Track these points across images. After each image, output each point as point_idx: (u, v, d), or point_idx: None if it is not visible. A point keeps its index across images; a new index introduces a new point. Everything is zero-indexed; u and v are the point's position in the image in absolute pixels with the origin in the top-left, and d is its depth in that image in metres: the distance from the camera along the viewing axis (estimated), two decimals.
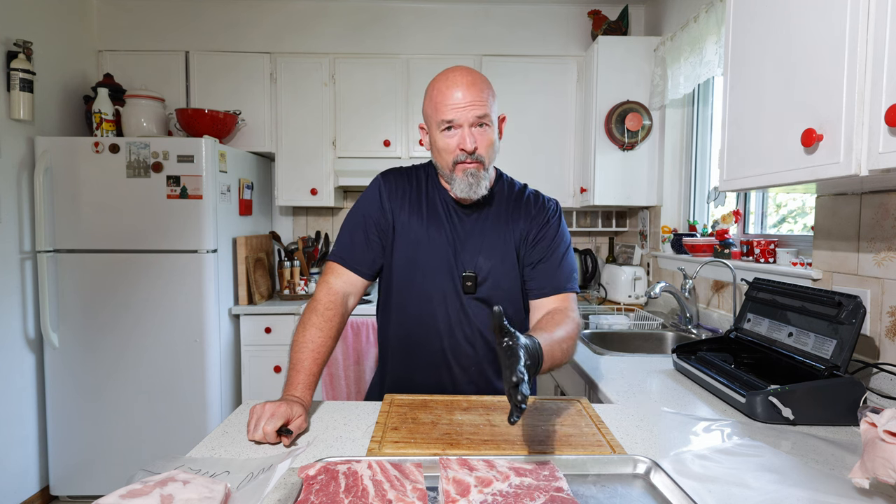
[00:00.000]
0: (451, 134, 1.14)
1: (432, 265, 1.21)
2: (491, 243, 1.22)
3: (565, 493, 0.72)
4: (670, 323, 2.28)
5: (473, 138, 1.13)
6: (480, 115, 1.12)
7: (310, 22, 2.98)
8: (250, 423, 0.96)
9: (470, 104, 1.11)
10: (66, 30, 2.72)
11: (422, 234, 1.22)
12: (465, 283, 1.21)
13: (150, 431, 2.44)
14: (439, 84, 1.15)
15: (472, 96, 1.12)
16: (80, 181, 2.39)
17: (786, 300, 1.34)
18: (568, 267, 1.23)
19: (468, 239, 1.22)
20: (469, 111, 1.12)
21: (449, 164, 1.16)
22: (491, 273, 1.21)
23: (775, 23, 1.17)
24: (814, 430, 1.06)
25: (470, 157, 1.13)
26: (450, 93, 1.12)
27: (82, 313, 2.42)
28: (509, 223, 1.24)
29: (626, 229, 3.19)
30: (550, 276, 1.21)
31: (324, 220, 3.28)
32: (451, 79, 1.14)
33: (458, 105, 1.11)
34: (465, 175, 1.15)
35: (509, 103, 2.93)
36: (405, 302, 1.25)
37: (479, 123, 1.13)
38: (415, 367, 1.26)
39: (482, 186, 1.17)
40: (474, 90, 1.12)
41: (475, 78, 1.14)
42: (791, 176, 1.10)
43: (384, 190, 1.26)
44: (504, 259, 1.22)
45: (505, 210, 1.25)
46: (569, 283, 1.22)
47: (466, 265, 1.21)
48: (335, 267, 1.23)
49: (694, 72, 2.27)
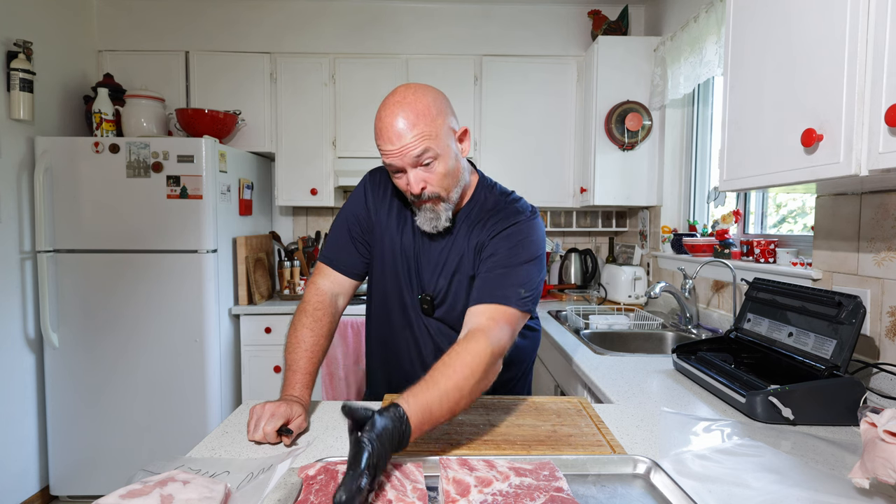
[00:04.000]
0: (398, 176, 1.08)
1: (397, 281, 1.21)
2: (452, 264, 1.16)
3: (565, 493, 0.72)
4: (670, 323, 2.28)
5: (419, 180, 1.05)
6: (418, 154, 1.02)
7: (310, 22, 2.98)
8: (250, 423, 0.96)
9: (404, 148, 1.02)
10: (66, 30, 2.72)
11: (395, 244, 1.20)
12: (423, 306, 1.19)
13: (150, 431, 2.44)
14: (376, 122, 1.05)
15: (406, 139, 1.01)
16: (80, 181, 2.39)
17: (786, 300, 1.34)
18: (515, 278, 1.05)
19: (432, 258, 1.18)
20: (405, 156, 1.02)
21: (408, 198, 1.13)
22: (448, 294, 1.18)
23: (775, 23, 1.17)
24: (814, 430, 1.06)
25: (420, 198, 1.08)
26: (384, 136, 1.03)
27: (82, 313, 2.42)
28: (470, 241, 1.15)
29: (626, 229, 3.19)
30: (489, 284, 1.05)
31: (324, 220, 3.28)
32: (384, 120, 1.03)
33: (394, 151, 1.03)
34: (424, 211, 1.11)
35: (509, 103, 2.93)
36: (381, 306, 1.26)
37: (423, 161, 1.04)
38: (391, 370, 1.28)
39: (443, 218, 1.11)
40: (408, 128, 1.01)
41: (409, 113, 1.02)
42: (791, 176, 1.10)
43: (369, 188, 1.25)
44: (462, 279, 1.16)
45: (475, 227, 1.16)
46: (506, 294, 1.02)
47: (426, 286, 1.19)
48: (323, 268, 1.23)
49: (694, 72, 2.27)
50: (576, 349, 1.79)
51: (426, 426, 0.82)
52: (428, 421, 0.82)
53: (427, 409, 0.81)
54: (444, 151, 1.05)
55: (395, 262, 1.20)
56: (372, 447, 0.70)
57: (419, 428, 0.80)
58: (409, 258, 1.20)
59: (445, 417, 0.86)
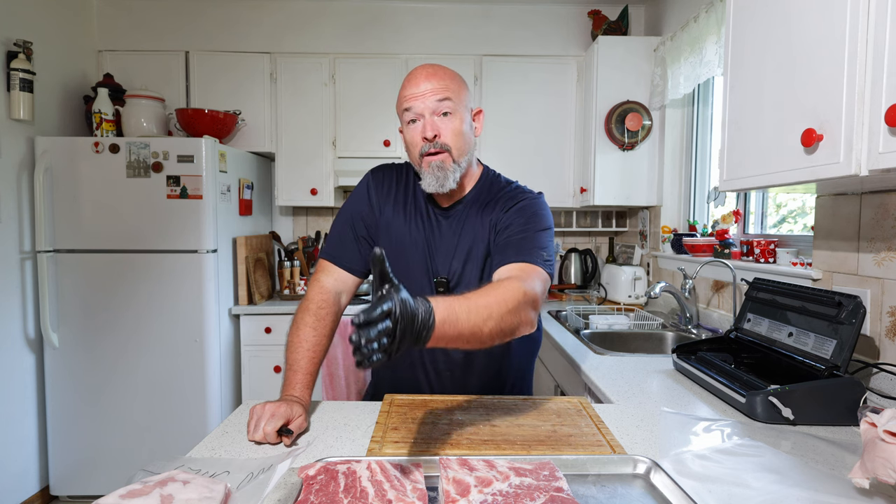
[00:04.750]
0: (414, 126, 1.14)
1: (410, 268, 1.20)
2: (464, 246, 1.19)
3: (565, 493, 0.72)
4: (670, 323, 2.28)
5: (435, 126, 1.11)
6: (440, 98, 1.11)
7: (310, 22, 2.98)
8: (250, 423, 0.96)
9: (429, 91, 1.11)
10: (66, 30, 2.72)
11: (403, 234, 1.21)
12: (438, 289, 1.19)
13: (150, 431, 2.44)
14: (404, 80, 1.16)
15: (432, 84, 1.11)
16: (80, 181, 2.39)
17: (786, 300, 1.34)
18: (536, 241, 1.10)
19: (444, 242, 1.20)
20: (428, 98, 1.11)
21: (417, 158, 1.15)
22: (463, 277, 1.19)
23: (775, 23, 1.17)
24: (814, 430, 1.06)
25: (433, 147, 1.11)
26: (410, 85, 1.13)
27: (82, 313, 2.42)
28: (483, 220, 1.19)
29: (626, 229, 3.19)
30: (512, 247, 1.09)
31: (324, 220, 3.28)
32: (413, 72, 1.15)
33: (417, 94, 1.12)
34: (432, 168, 1.13)
35: (509, 103, 2.93)
36: None
37: (441, 112, 1.12)
38: (398, 367, 1.26)
39: (450, 179, 1.13)
40: (434, 79, 1.12)
41: (437, 69, 1.15)
42: (791, 176, 1.10)
43: (372, 185, 1.26)
44: (476, 261, 1.18)
45: (484, 210, 1.20)
46: (531, 255, 1.07)
47: (440, 270, 1.20)
48: (326, 265, 1.23)
49: (694, 72, 2.27)
50: (576, 349, 1.79)
51: (448, 329, 0.76)
52: (452, 324, 0.76)
53: (453, 312, 0.77)
54: (460, 112, 1.14)
55: (405, 252, 1.20)
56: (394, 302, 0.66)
57: (441, 326, 0.74)
58: (420, 246, 1.20)
59: (468, 332, 0.80)
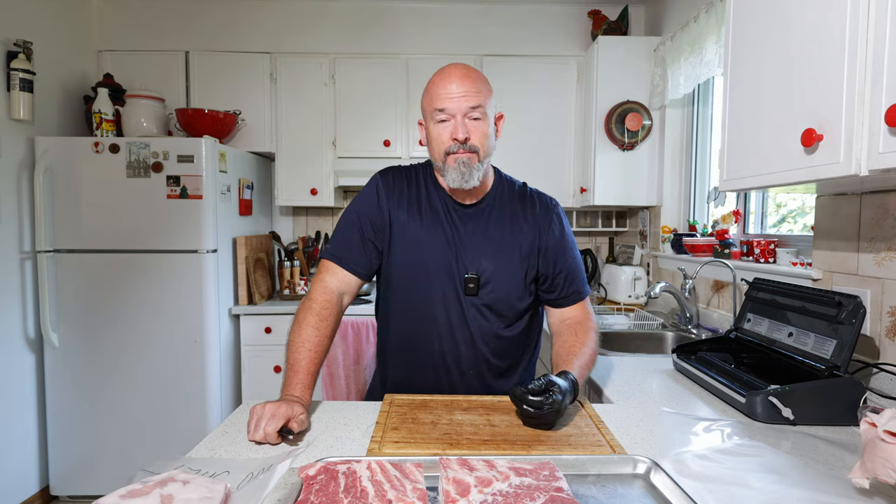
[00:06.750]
0: (444, 125, 1.16)
1: (432, 267, 1.20)
2: (495, 245, 1.21)
3: (565, 493, 0.72)
4: (670, 323, 2.28)
5: (466, 128, 1.14)
6: (474, 104, 1.14)
7: (310, 22, 2.98)
8: (250, 423, 0.96)
9: (463, 95, 1.13)
10: (66, 30, 2.72)
11: (421, 235, 1.21)
12: (468, 286, 1.20)
13: (150, 431, 2.44)
14: (436, 77, 1.18)
15: (466, 88, 1.14)
16: (80, 181, 2.39)
17: (786, 300, 1.34)
18: (581, 271, 1.29)
19: (470, 240, 1.21)
20: (462, 101, 1.13)
21: (441, 154, 1.17)
22: (494, 275, 1.21)
23: (775, 23, 1.17)
24: (814, 430, 1.06)
25: (462, 147, 1.14)
26: (444, 84, 1.15)
27: (82, 313, 2.42)
28: (514, 225, 1.24)
29: (626, 229, 3.19)
30: (569, 283, 1.26)
31: (324, 220, 3.28)
32: (446, 71, 1.17)
33: (452, 95, 1.13)
34: (458, 164, 1.15)
35: (509, 103, 2.93)
36: (405, 303, 1.24)
37: (472, 115, 1.15)
38: (414, 368, 1.26)
39: (475, 177, 1.16)
40: (468, 82, 1.14)
41: (470, 72, 1.17)
42: (791, 176, 1.10)
43: (382, 188, 1.25)
44: (508, 262, 1.22)
45: (509, 211, 1.25)
46: (584, 287, 1.29)
47: (469, 267, 1.20)
48: (330, 265, 1.22)
49: (694, 72, 2.27)
50: None
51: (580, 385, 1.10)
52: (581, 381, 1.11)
53: (581, 373, 1.12)
54: (488, 117, 1.18)
55: (424, 253, 1.20)
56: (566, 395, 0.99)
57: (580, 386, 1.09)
58: (440, 246, 1.20)
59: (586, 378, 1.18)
